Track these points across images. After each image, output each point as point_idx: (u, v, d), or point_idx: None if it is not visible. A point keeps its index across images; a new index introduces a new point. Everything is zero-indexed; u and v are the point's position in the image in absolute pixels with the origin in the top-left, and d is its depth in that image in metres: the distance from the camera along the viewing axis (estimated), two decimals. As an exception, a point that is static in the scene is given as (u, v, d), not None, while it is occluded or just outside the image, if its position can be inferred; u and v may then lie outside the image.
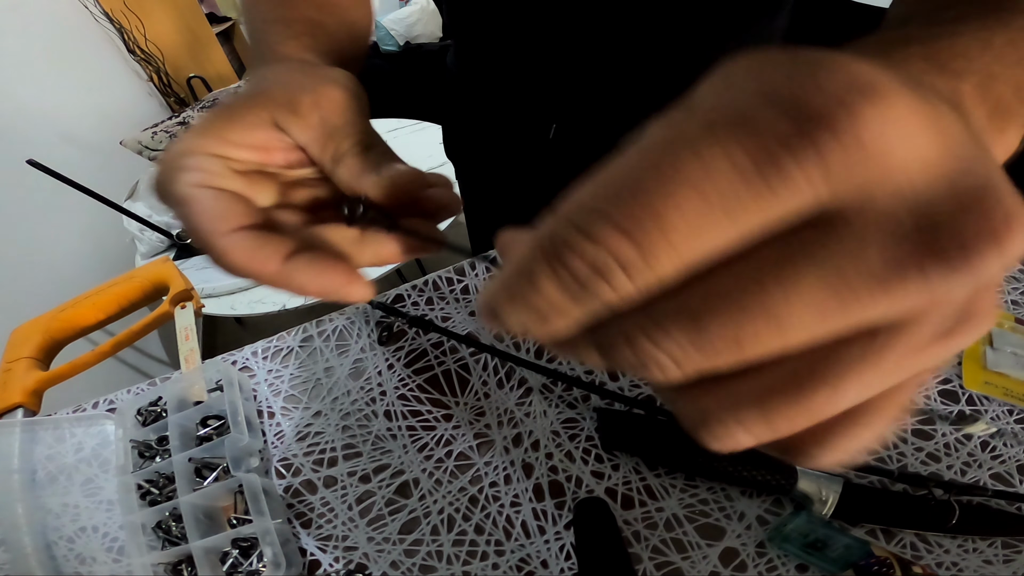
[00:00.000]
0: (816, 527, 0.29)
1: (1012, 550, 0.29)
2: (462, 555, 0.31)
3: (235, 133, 0.20)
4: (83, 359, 0.41)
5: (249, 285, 1.27)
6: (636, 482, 0.33)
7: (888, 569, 0.27)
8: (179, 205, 0.19)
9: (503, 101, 0.55)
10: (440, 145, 0.69)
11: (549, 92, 0.51)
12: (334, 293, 0.19)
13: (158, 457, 0.34)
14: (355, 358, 0.41)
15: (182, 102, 1.85)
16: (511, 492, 0.33)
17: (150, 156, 1.43)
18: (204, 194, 0.19)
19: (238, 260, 0.19)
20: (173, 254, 1.39)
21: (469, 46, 0.55)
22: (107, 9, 1.59)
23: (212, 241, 0.19)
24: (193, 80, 1.86)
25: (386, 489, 0.34)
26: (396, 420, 0.37)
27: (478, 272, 0.45)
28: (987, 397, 0.36)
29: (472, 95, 0.58)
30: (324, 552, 0.32)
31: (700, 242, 0.09)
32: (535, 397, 0.37)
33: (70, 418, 0.38)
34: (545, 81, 0.50)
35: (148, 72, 1.75)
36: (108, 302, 0.44)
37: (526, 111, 0.53)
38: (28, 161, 1.01)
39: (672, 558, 0.30)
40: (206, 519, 0.31)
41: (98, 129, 1.47)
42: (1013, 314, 0.40)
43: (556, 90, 0.50)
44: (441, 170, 0.24)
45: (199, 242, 0.19)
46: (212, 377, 0.38)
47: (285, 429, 0.38)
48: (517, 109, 0.54)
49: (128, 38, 1.66)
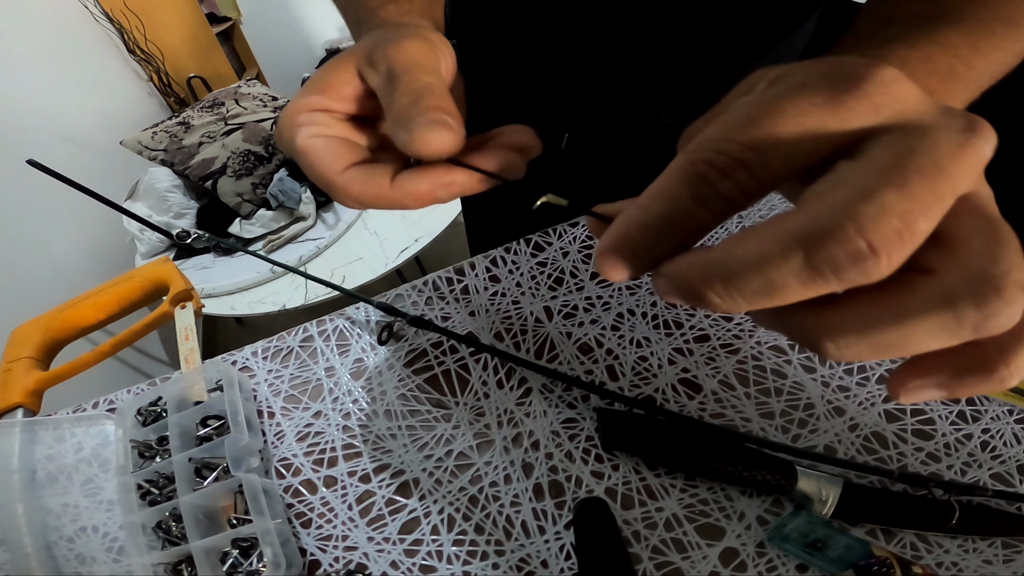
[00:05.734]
0: (816, 527, 0.29)
1: (1012, 550, 0.29)
2: (462, 555, 0.31)
3: (331, 88, 0.23)
4: (83, 359, 0.41)
5: (249, 285, 1.27)
6: (636, 482, 0.33)
7: (888, 569, 0.27)
8: (299, 155, 0.22)
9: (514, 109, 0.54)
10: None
11: (563, 101, 0.50)
12: (445, 186, 0.22)
13: (158, 457, 0.34)
14: (355, 358, 0.41)
15: (182, 102, 1.85)
16: (511, 492, 0.33)
17: (150, 156, 1.43)
18: (316, 143, 0.22)
19: (354, 191, 0.21)
20: (173, 254, 1.39)
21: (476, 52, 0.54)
22: (107, 9, 1.59)
23: (331, 180, 0.22)
24: (193, 80, 1.86)
25: (386, 489, 0.34)
26: (396, 420, 0.37)
27: (478, 272, 0.45)
28: (987, 397, 0.36)
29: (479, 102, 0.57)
30: (324, 552, 0.32)
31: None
32: (535, 397, 0.37)
33: (70, 418, 0.38)
34: (559, 90, 0.50)
35: (148, 72, 1.75)
36: (108, 302, 0.44)
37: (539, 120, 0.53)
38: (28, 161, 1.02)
39: (672, 558, 0.30)
40: (206, 519, 0.31)
41: (98, 129, 1.47)
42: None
43: (570, 99, 0.50)
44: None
45: (320, 184, 0.22)
46: (212, 377, 0.38)
47: (285, 429, 0.38)
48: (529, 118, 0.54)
49: (128, 38, 1.66)
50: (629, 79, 0.46)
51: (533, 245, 0.47)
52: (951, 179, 0.12)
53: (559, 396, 0.37)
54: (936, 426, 0.34)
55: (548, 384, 0.38)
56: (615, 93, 0.48)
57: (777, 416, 0.35)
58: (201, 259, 1.37)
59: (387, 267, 1.24)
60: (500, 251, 0.47)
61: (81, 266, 1.31)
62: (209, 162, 1.40)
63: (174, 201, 1.39)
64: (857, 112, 0.13)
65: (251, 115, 1.55)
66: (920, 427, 0.34)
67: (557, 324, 0.41)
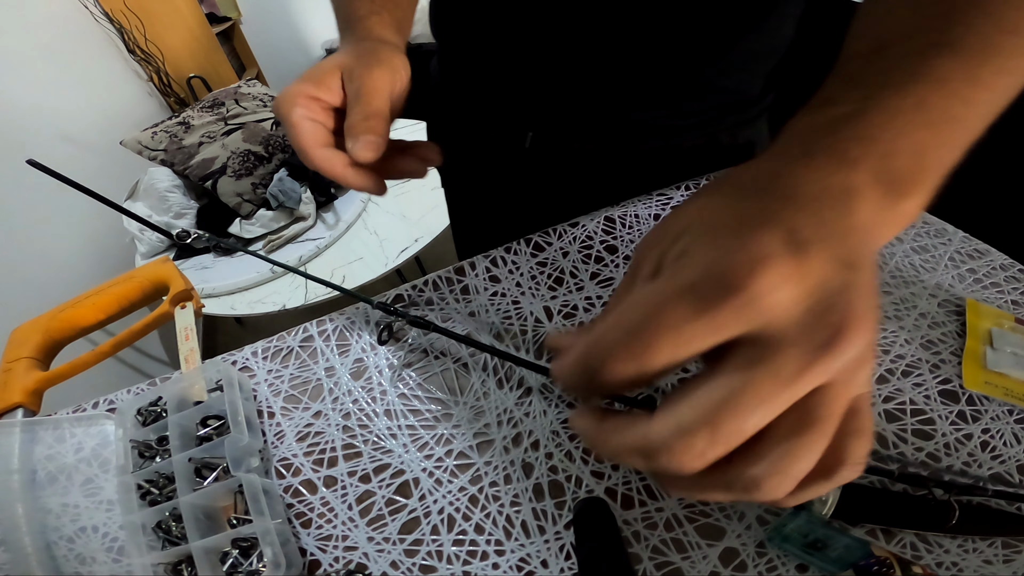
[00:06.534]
0: (816, 527, 0.29)
1: (1012, 550, 0.29)
2: (462, 555, 0.31)
3: (323, 84, 0.32)
4: (83, 359, 0.41)
5: (249, 285, 1.27)
6: (636, 482, 0.33)
7: (888, 569, 0.27)
8: (289, 127, 0.31)
9: (481, 109, 0.55)
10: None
11: (525, 100, 0.51)
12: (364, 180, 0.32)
13: (158, 457, 0.34)
14: (355, 358, 0.41)
15: (182, 102, 1.85)
16: (511, 492, 0.33)
17: (150, 156, 1.43)
18: (305, 123, 0.31)
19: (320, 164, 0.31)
20: (173, 254, 1.39)
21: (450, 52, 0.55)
22: (107, 9, 1.59)
23: (310, 152, 0.31)
24: (193, 80, 1.85)
25: (386, 489, 0.34)
26: (396, 420, 0.37)
27: (478, 272, 0.45)
28: (987, 397, 0.36)
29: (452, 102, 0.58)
30: (324, 552, 0.32)
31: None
32: (535, 397, 0.37)
33: (70, 418, 0.38)
34: (521, 89, 0.50)
35: (148, 72, 1.75)
36: (108, 302, 0.44)
37: (503, 119, 0.54)
38: (28, 161, 1.02)
39: (672, 558, 0.30)
40: (206, 519, 0.31)
41: (98, 129, 1.47)
42: (1013, 314, 0.40)
43: (532, 98, 0.50)
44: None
45: (301, 154, 0.31)
46: (212, 377, 0.38)
47: (285, 429, 0.38)
48: (495, 117, 0.54)
49: (128, 38, 1.66)
50: (597, 76, 0.46)
51: (533, 245, 0.47)
52: (780, 402, 0.15)
53: (559, 396, 0.37)
54: (936, 426, 0.34)
55: (548, 384, 0.38)
56: (582, 91, 0.48)
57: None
58: (201, 259, 1.37)
59: (387, 267, 1.24)
60: (500, 251, 0.47)
61: (81, 266, 1.31)
62: (209, 162, 1.40)
63: (174, 201, 1.39)
64: (729, 326, 0.16)
65: (251, 115, 1.55)
66: (920, 427, 0.34)
67: (557, 324, 0.41)
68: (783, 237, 0.16)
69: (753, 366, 0.16)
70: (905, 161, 0.18)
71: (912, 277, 0.44)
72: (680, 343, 0.16)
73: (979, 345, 0.38)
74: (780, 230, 0.16)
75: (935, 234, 0.48)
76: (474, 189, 0.65)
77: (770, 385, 0.15)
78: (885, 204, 0.18)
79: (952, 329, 0.40)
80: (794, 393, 0.15)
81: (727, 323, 0.16)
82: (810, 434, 0.16)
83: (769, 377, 0.15)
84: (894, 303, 0.42)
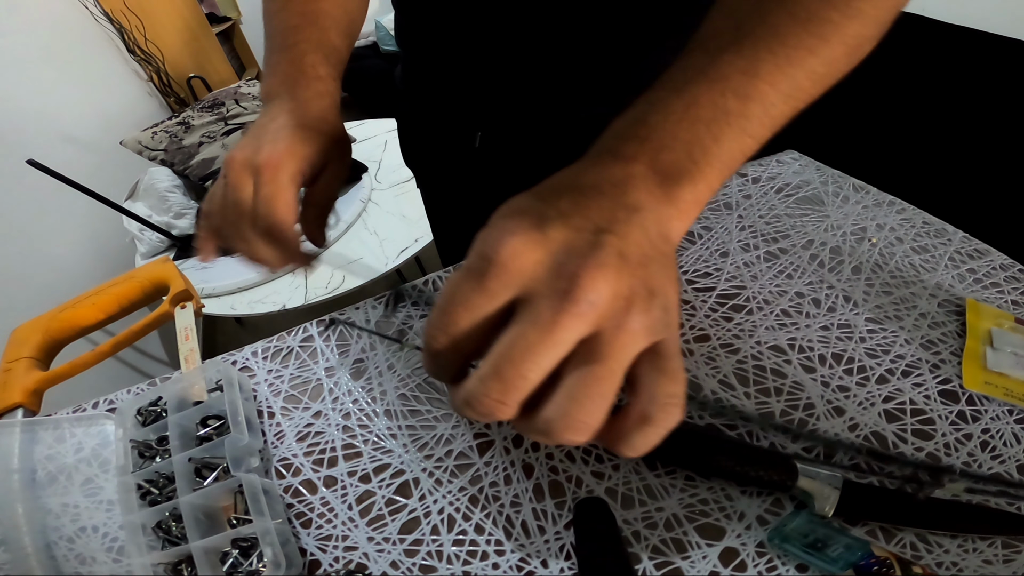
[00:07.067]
0: (816, 527, 0.29)
1: (1012, 550, 0.29)
2: (462, 555, 0.31)
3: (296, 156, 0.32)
4: (83, 359, 0.41)
5: (249, 285, 1.27)
6: (636, 482, 0.33)
7: (888, 569, 0.27)
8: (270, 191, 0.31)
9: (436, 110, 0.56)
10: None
11: (474, 100, 0.52)
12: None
13: (158, 457, 0.34)
14: (355, 358, 0.41)
15: (182, 102, 1.85)
16: (511, 492, 0.33)
17: (150, 156, 1.43)
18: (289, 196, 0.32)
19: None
20: (173, 254, 1.39)
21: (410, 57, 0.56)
22: (107, 9, 1.59)
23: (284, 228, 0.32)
24: (193, 80, 1.86)
25: (386, 489, 0.34)
26: (396, 420, 0.37)
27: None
28: (987, 397, 0.36)
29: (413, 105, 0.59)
30: (324, 552, 0.32)
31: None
32: (535, 397, 0.37)
33: (70, 418, 0.38)
34: (470, 89, 0.51)
35: (148, 72, 1.75)
36: (108, 302, 0.44)
37: (454, 120, 0.55)
38: (28, 161, 1.02)
39: (672, 558, 0.30)
40: (206, 519, 0.31)
41: (98, 129, 1.47)
42: (1013, 314, 0.40)
43: (480, 98, 0.51)
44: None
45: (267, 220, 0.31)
46: (212, 377, 0.38)
47: (285, 429, 0.38)
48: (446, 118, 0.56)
49: (128, 38, 1.66)
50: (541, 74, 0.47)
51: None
52: (546, 348, 0.18)
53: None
54: (936, 426, 0.34)
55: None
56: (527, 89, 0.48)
57: (777, 416, 0.35)
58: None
59: (387, 267, 1.24)
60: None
61: (81, 266, 1.31)
62: (209, 162, 1.41)
63: (174, 201, 1.39)
64: (498, 292, 0.18)
65: (251, 115, 1.55)
66: (920, 427, 0.34)
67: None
68: (532, 219, 0.19)
69: (520, 321, 0.18)
70: (675, 155, 0.21)
71: (912, 277, 0.44)
72: (470, 310, 0.19)
73: (979, 345, 0.38)
74: (533, 214, 0.19)
75: (935, 234, 0.48)
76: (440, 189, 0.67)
77: (533, 334, 0.18)
78: (662, 190, 0.21)
79: (952, 329, 0.40)
80: (556, 339, 0.17)
81: (495, 289, 0.18)
82: (588, 376, 0.18)
83: (530, 326, 0.18)
84: (894, 303, 0.42)
